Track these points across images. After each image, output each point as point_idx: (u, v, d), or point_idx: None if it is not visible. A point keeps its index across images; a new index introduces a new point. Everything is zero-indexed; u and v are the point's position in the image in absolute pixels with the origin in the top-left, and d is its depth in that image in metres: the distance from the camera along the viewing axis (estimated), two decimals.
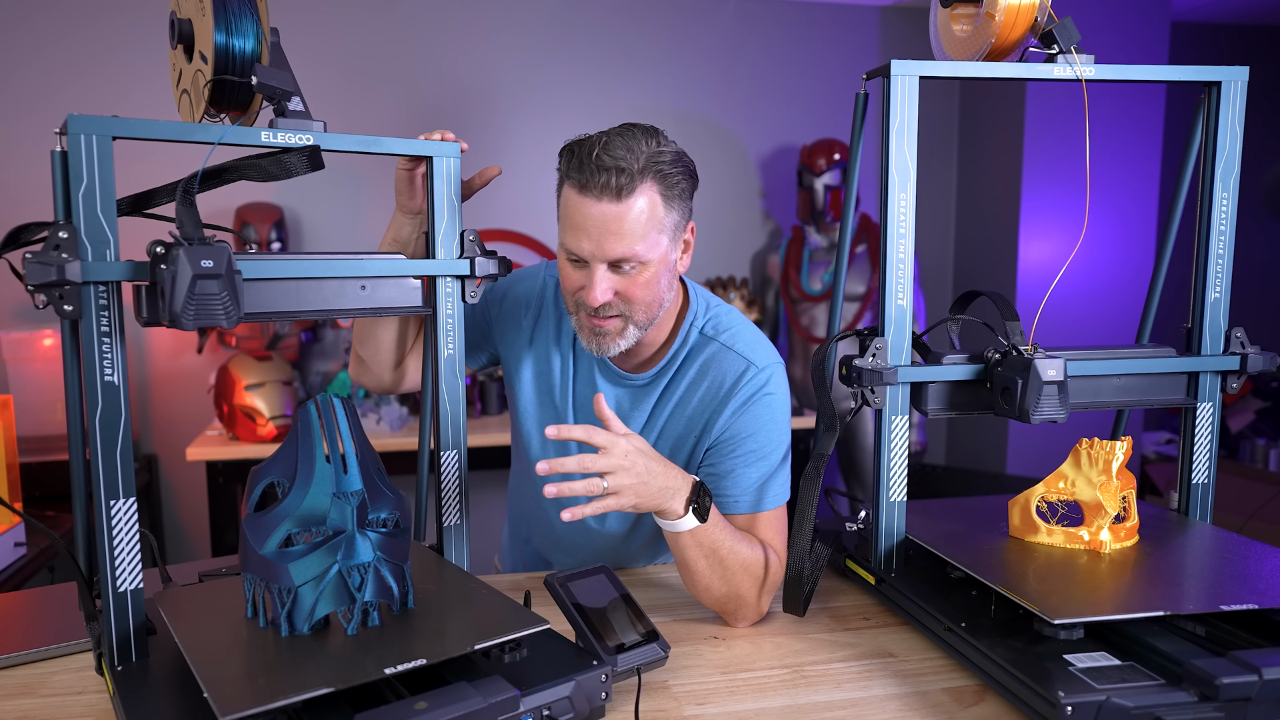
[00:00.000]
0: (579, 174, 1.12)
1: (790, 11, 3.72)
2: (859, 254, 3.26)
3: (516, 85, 3.47)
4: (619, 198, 1.11)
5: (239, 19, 0.94)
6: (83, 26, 3.17)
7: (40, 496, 2.74)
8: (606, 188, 1.11)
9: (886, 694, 0.99)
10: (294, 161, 0.99)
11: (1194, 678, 0.84)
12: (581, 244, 1.14)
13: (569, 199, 1.15)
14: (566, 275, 1.19)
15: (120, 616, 0.91)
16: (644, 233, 1.13)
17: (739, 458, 1.23)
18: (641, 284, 1.16)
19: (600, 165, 1.10)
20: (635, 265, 1.15)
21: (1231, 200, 1.23)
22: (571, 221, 1.15)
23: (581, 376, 1.33)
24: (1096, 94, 3.16)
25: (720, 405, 1.24)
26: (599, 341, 1.20)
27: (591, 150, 1.12)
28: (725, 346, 1.27)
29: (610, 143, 1.12)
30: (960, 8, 1.19)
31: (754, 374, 1.24)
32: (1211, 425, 1.27)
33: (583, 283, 1.17)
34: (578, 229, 1.14)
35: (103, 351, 0.88)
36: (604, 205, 1.11)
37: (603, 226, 1.12)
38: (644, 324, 1.20)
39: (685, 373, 1.28)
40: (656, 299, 1.19)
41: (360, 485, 0.91)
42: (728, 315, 1.31)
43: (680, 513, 1.10)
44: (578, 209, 1.13)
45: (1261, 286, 4.20)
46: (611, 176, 1.10)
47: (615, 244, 1.12)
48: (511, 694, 0.81)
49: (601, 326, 1.19)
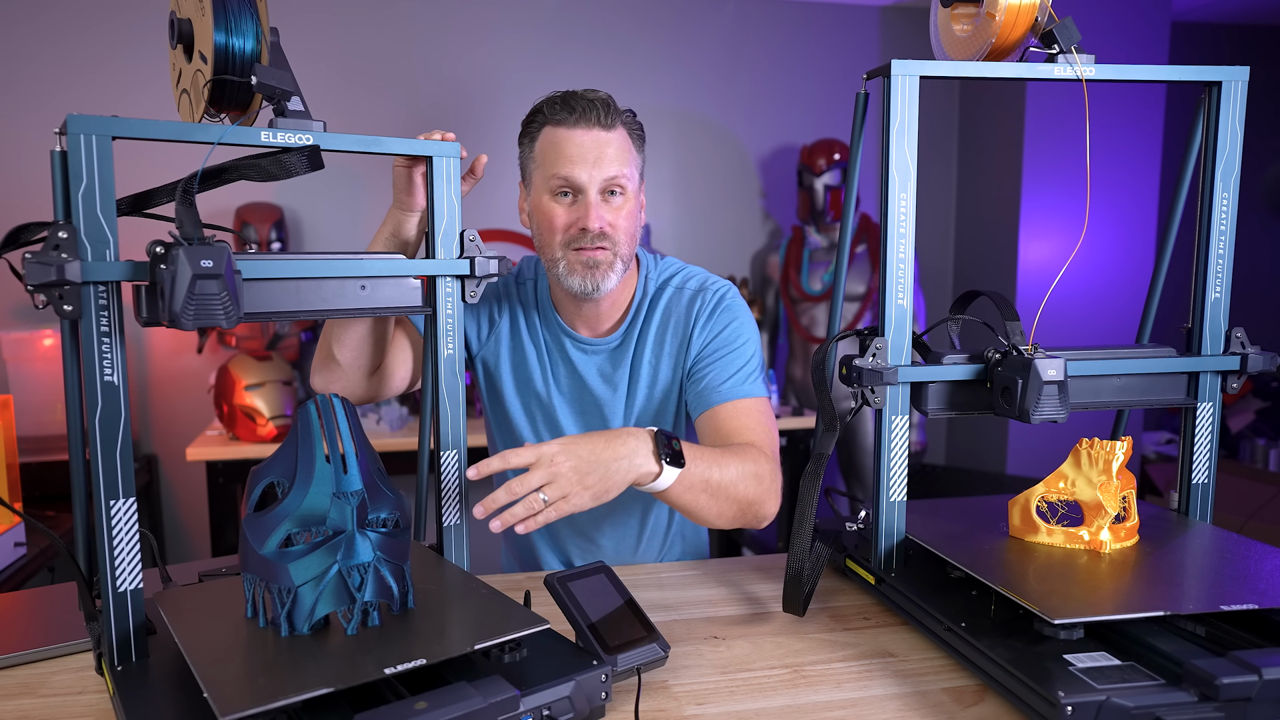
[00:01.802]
0: (565, 112, 1.25)
1: (790, 11, 3.72)
2: (859, 254, 3.27)
3: (516, 85, 3.47)
4: (606, 126, 1.25)
5: (239, 19, 0.94)
6: (83, 26, 3.17)
7: (40, 496, 2.74)
8: (597, 118, 1.25)
9: (886, 694, 0.99)
10: (294, 161, 0.99)
11: (1194, 678, 0.84)
12: (577, 171, 1.24)
13: (555, 138, 1.26)
14: (554, 215, 1.27)
15: (120, 616, 0.91)
16: (626, 160, 1.27)
17: (711, 357, 1.33)
18: (625, 214, 1.28)
19: (588, 100, 1.25)
20: (620, 192, 1.27)
21: (1232, 200, 1.23)
22: (563, 154, 1.25)
23: (557, 359, 1.39)
24: (1096, 94, 3.16)
25: (692, 327, 1.36)
26: (592, 274, 1.27)
27: (570, 93, 1.26)
28: (679, 287, 1.39)
29: (585, 90, 1.27)
30: (960, 7, 1.19)
31: (710, 293, 1.37)
32: (1211, 425, 1.27)
33: (576, 214, 1.26)
34: (572, 159, 1.24)
35: (103, 351, 0.88)
36: (595, 132, 1.25)
37: (597, 150, 1.24)
38: (626, 259, 1.30)
39: (651, 322, 1.38)
40: (634, 233, 1.31)
41: (360, 485, 0.91)
42: (674, 263, 1.44)
43: (656, 470, 1.08)
44: (568, 140, 1.25)
45: (1262, 287, 4.20)
46: (598, 107, 1.25)
47: (609, 165, 1.25)
48: (511, 694, 0.81)
49: (595, 256, 1.26)
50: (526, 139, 1.31)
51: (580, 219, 1.25)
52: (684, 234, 3.75)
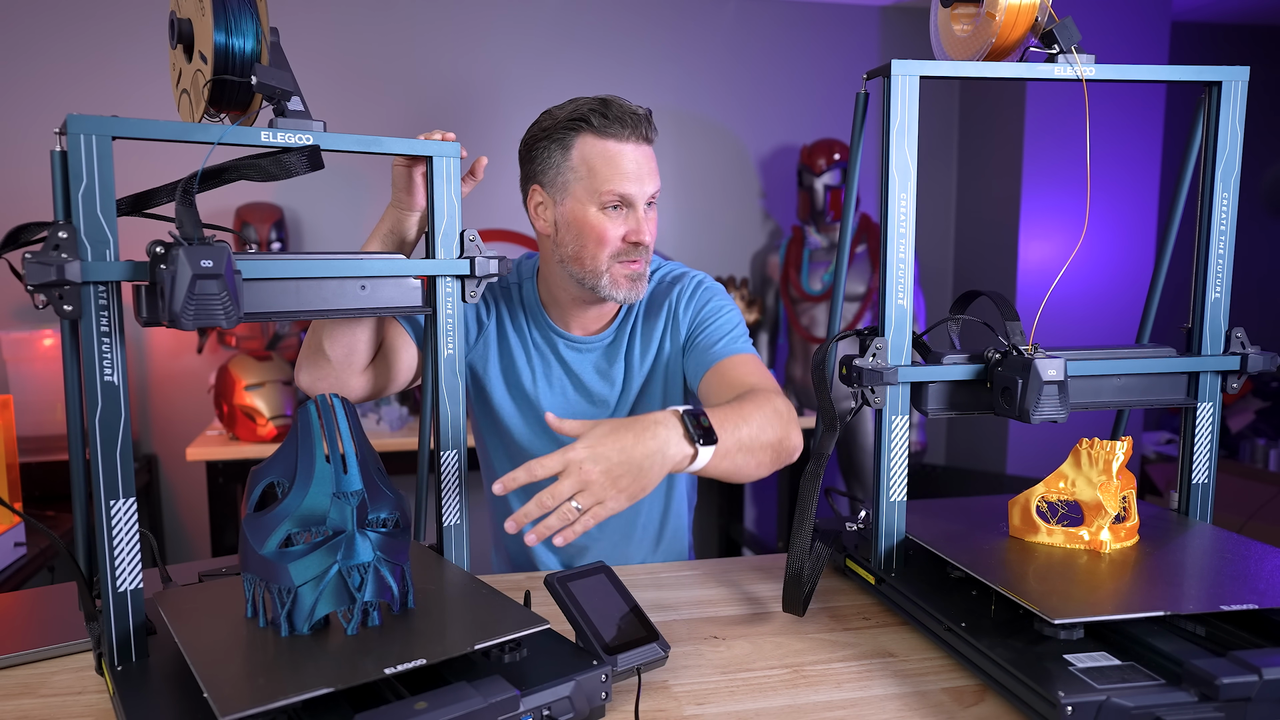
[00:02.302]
0: (618, 125, 1.25)
1: (790, 11, 3.72)
2: (859, 254, 3.27)
3: (516, 85, 3.47)
4: (648, 140, 1.28)
5: (239, 19, 0.94)
6: (83, 27, 3.17)
7: (40, 496, 2.74)
8: (644, 135, 1.27)
9: (886, 694, 0.99)
10: (294, 161, 0.99)
11: (1194, 678, 0.84)
12: (630, 186, 1.25)
13: (606, 151, 1.26)
14: (605, 228, 1.27)
15: (120, 616, 0.91)
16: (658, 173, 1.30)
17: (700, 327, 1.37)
18: (654, 223, 1.32)
19: (630, 112, 1.26)
20: (653, 204, 1.30)
21: (1232, 200, 1.23)
22: (618, 169, 1.25)
23: (550, 360, 1.40)
24: (1097, 94, 3.16)
25: (675, 311, 1.39)
26: (636, 286, 1.31)
27: (609, 102, 1.26)
28: (661, 280, 1.43)
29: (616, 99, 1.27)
30: (960, 7, 1.19)
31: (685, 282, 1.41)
32: (1211, 425, 1.27)
33: (628, 226, 1.27)
34: (626, 175, 1.25)
35: (103, 351, 0.88)
36: (643, 148, 1.27)
37: (645, 166, 1.26)
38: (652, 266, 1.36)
39: (639, 317, 1.41)
40: None
41: (360, 485, 0.91)
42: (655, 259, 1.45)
43: (690, 452, 1.03)
44: (619, 155, 1.25)
45: (1262, 286, 4.20)
46: (644, 123, 1.26)
47: (653, 180, 1.28)
48: (511, 694, 0.81)
49: (638, 269, 1.30)
50: (555, 145, 1.28)
51: (632, 233, 1.27)
52: (684, 234, 3.75)
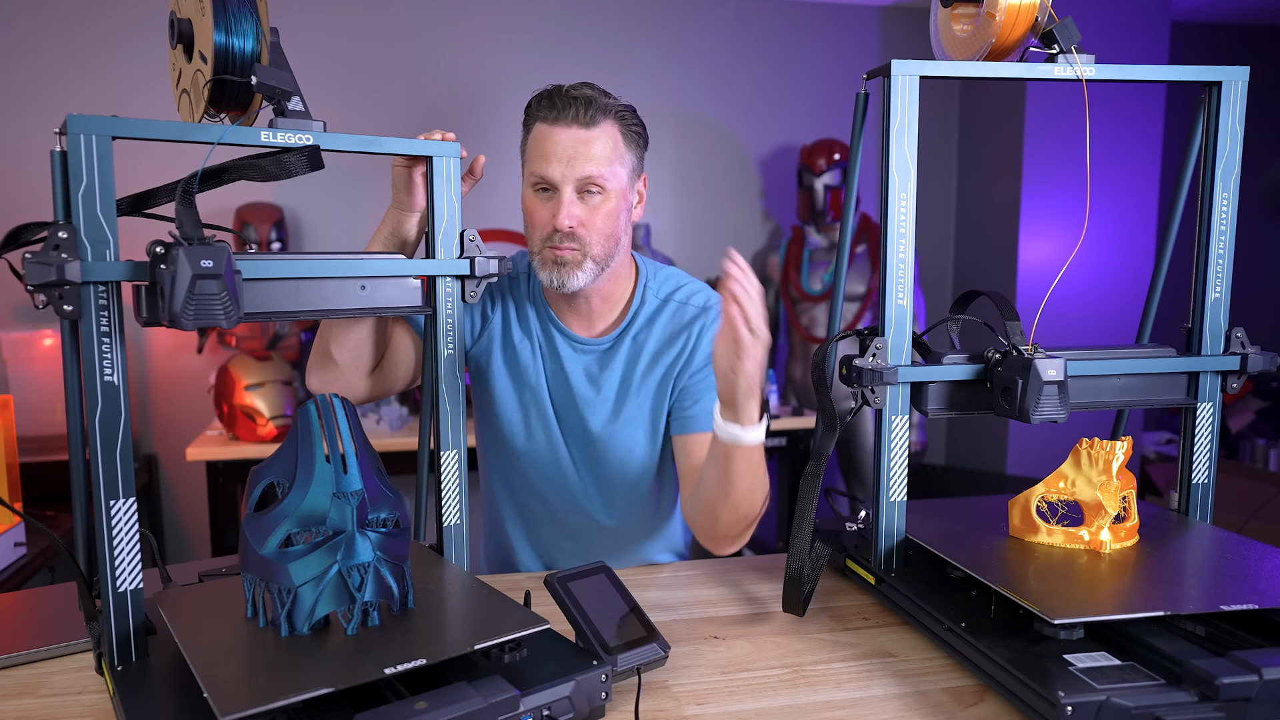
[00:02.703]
0: (549, 109, 1.26)
1: (790, 11, 3.72)
2: (859, 254, 3.27)
3: (516, 85, 3.47)
4: (587, 125, 1.26)
5: (239, 19, 0.94)
6: (82, 27, 3.17)
7: (40, 496, 2.74)
8: (576, 117, 1.25)
9: (886, 694, 0.99)
10: (294, 161, 0.99)
11: (1194, 678, 0.84)
12: (551, 167, 1.25)
13: (538, 134, 1.28)
14: (534, 212, 1.29)
15: (120, 616, 0.91)
16: (608, 159, 1.27)
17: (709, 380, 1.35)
18: (603, 214, 1.28)
19: (570, 97, 1.26)
20: (599, 192, 1.27)
21: (1232, 200, 1.23)
22: (542, 150, 1.26)
23: (547, 355, 1.40)
24: (1096, 94, 3.16)
25: (695, 341, 1.37)
26: (560, 271, 1.28)
27: (560, 89, 1.27)
28: (682, 303, 1.40)
29: (577, 84, 1.28)
30: (960, 7, 1.19)
31: (711, 314, 1.38)
32: (1211, 425, 1.27)
33: (550, 211, 1.27)
34: (548, 155, 1.26)
35: (103, 351, 0.88)
36: (574, 130, 1.25)
37: (572, 149, 1.25)
38: (600, 259, 1.30)
39: (651, 333, 1.38)
40: (613, 234, 1.30)
41: (360, 485, 0.91)
42: (674, 276, 1.44)
43: (755, 418, 1.14)
44: (548, 137, 1.26)
45: (1262, 287, 4.20)
46: (580, 106, 1.25)
47: (584, 164, 1.25)
48: (511, 694, 0.81)
49: (561, 255, 1.27)
50: (524, 130, 1.33)
51: (553, 216, 1.26)
52: (684, 234, 3.75)
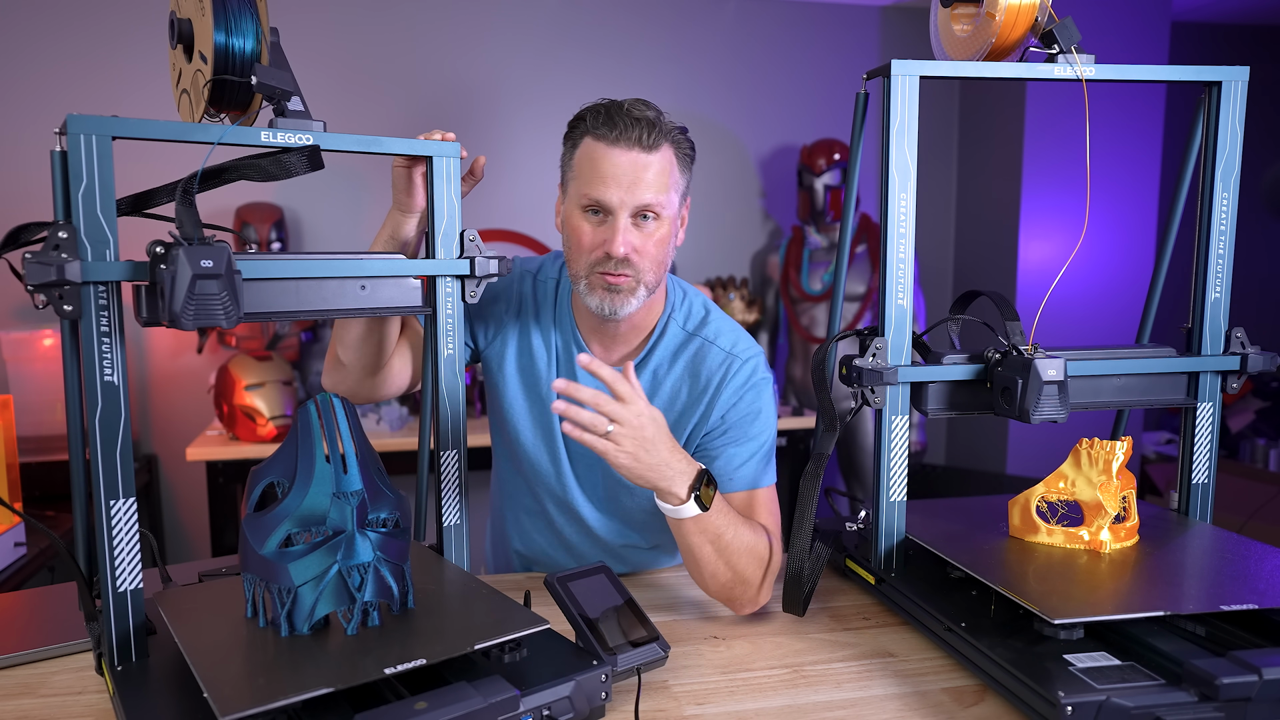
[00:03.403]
0: (608, 127, 1.18)
1: (790, 11, 3.72)
2: (859, 254, 3.26)
3: (516, 85, 3.47)
4: (648, 149, 1.18)
5: (239, 19, 0.94)
6: (82, 26, 3.17)
7: (40, 496, 2.74)
8: (639, 139, 1.17)
9: (886, 694, 0.99)
10: (294, 161, 0.99)
11: (1194, 678, 0.84)
12: (609, 192, 1.18)
13: (594, 152, 1.19)
14: (582, 233, 1.22)
15: (120, 616, 0.91)
16: (665, 186, 1.19)
17: (732, 439, 1.27)
18: (656, 241, 1.21)
19: (632, 117, 1.17)
20: (654, 218, 1.20)
21: (1232, 200, 1.23)
22: (599, 172, 1.18)
23: (564, 368, 1.35)
24: (1096, 94, 3.16)
25: (714, 397, 1.28)
26: (612, 299, 1.22)
27: (620, 106, 1.19)
28: (708, 341, 1.31)
29: (635, 102, 1.20)
30: (960, 7, 1.19)
31: (739, 366, 1.28)
32: (1211, 425, 1.27)
33: (604, 236, 1.20)
34: (606, 178, 1.18)
35: (103, 351, 0.88)
36: (634, 154, 1.17)
37: (633, 174, 1.17)
38: (651, 286, 1.24)
39: (672, 369, 1.31)
40: (664, 261, 1.24)
41: (360, 485, 0.91)
42: (704, 307, 1.36)
43: (682, 497, 1.09)
44: (606, 158, 1.18)
45: (1262, 287, 4.20)
46: (643, 128, 1.17)
47: (644, 191, 1.18)
48: (511, 694, 0.82)
49: (616, 282, 1.21)
50: (569, 143, 1.25)
51: (606, 242, 1.19)
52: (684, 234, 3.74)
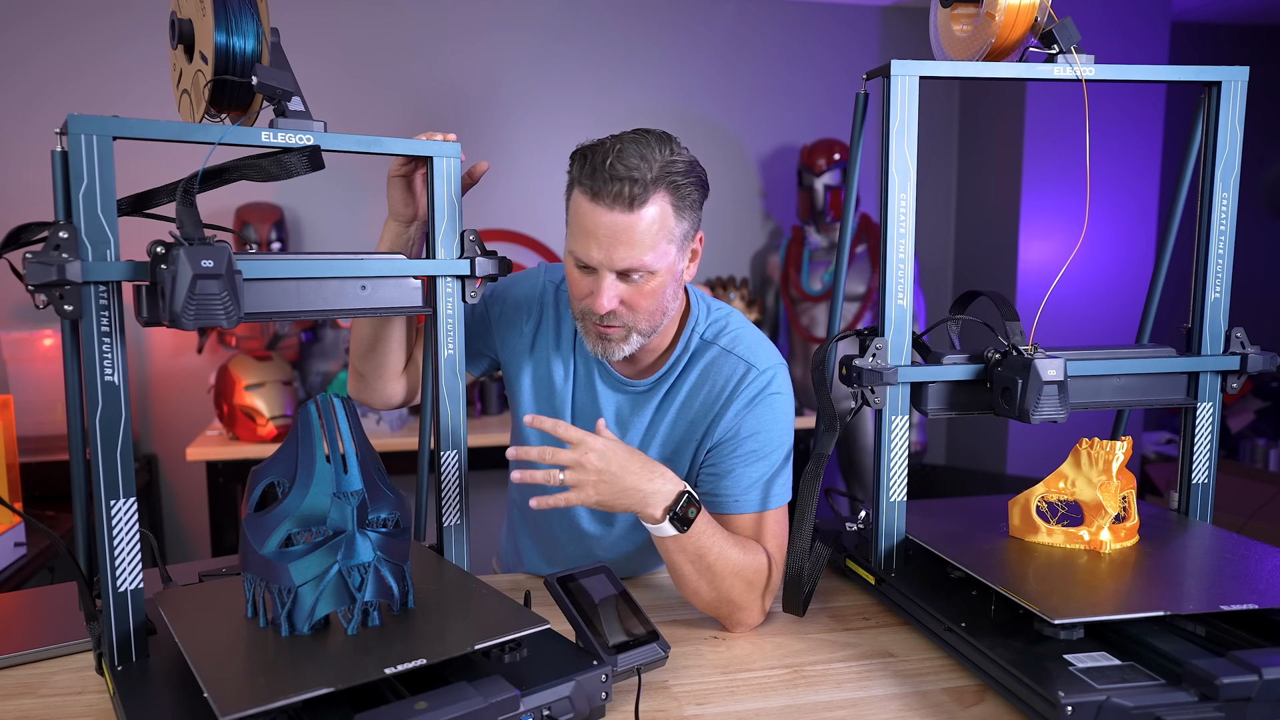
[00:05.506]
0: (590, 181, 1.10)
1: (790, 11, 3.72)
2: (859, 254, 3.26)
3: (516, 85, 3.47)
4: (630, 208, 1.09)
5: (239, 19, 0.94)
6: (82, 26, 3.17)
7: (40, 496, 2.74)
8: (619, 197, 1.09)
9: (886, 694, 0.99)
10: (294, 161, 0.99)
11: (1194, 678, 0.84)
12: (591, 252, 1.12)
13: (579, 205, 1.13)
14: (574, 281, 1.18)
15: (120, 616, 0.91)
16: (653, 243, 1.12)
17: (740, 457, 1.22)
18: (648, 293, 1.15)
19: (613, 174, 1.08)
20: (643, 275, 1.14)
21: (1231, 200, 1.23)
22: (582, 229, 1.13)
23: (581, 383, 1.32)
24: (1096, 94, 3.16)
25: (723, 408, 1.24)
26: (605, 345, 1.20)
27: (605, 158, 1.10)
28: (725, 350, 1.26)
29: (624, 150, 1.10)
30: (960, 8, 1.19)
31: (756, 375, 1.23)
32: (1211, 425, 1.27)
33: (590, 289, 1.15)
34: (588, 236, 1.12)
35: (103, 351, 0.88)
36: (615, 215, 1.10)
37: (613, 236, 1.10)
38: (647, 332, 1.20)
39: (686, 378, 1.27)
40: (661, 308, 1.19)
41: (360, 485, 0.91)
42: (727, 318, 1.30)
43: (657, 518, 1.08)
44: (588, 216, 1.11)
45: (1262, 287, 4.20)
46: (625, 186, 1.08)
47: (625, 253, 1.11)
48: (511, 694, 0.82)
49: (607, 333, 1.18)
50: (568, 178, 1.18)
51: (594, 297, 1.14)
52: None
